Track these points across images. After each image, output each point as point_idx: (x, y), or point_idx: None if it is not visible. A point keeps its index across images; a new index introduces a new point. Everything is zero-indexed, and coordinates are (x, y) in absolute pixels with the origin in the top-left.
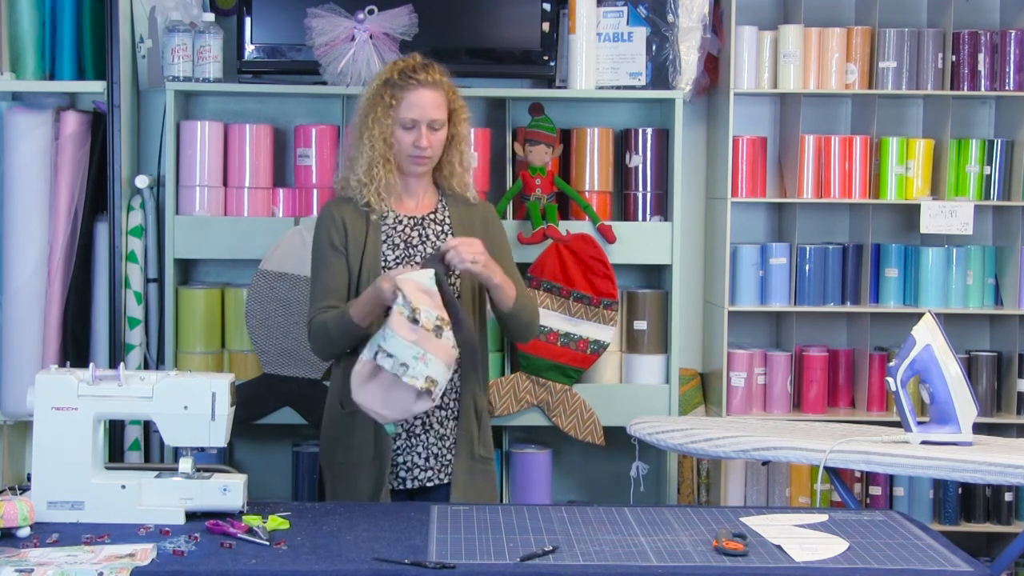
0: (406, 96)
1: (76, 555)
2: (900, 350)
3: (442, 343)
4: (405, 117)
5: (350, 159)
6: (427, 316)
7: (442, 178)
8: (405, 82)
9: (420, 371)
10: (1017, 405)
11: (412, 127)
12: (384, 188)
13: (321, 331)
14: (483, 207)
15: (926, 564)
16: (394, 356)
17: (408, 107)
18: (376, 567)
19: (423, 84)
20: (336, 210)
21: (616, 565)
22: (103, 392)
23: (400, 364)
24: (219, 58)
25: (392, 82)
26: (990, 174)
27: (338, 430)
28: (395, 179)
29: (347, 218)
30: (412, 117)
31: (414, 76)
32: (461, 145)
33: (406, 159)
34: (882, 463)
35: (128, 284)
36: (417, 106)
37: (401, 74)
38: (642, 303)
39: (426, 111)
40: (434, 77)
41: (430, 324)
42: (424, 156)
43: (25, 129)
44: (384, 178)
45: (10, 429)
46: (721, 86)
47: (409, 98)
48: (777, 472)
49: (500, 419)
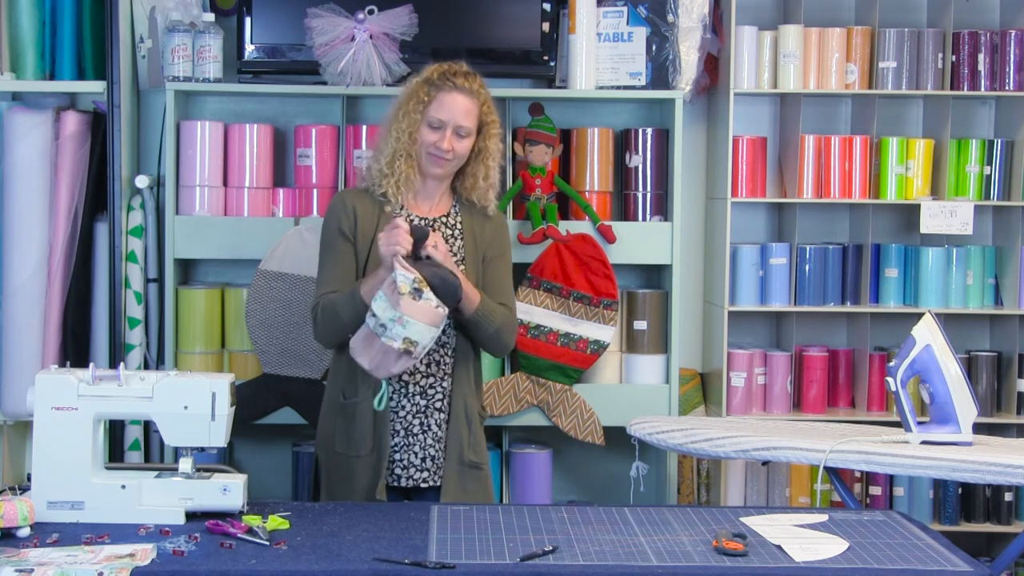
0: (439, 96)
1: (76, 555)
2: (900, 350)
3: (421, 305)
4: (434, 116)
5: (377, 149)
6: (403, 280)
7: (463, 188)
8: (443, 83)
9: (398, 333)
10: (1017, 405)
11: (439, 127)
12: (403, 182)
13: (329, 312)
14: (497, 219)
15: (926, 564)
16: (376, 316)
17: (439, 107)
18: (376, 567)
19: (459, 89)
20: (349, 199)
21: (616, 565)
22: (103, 392)
23: (379, 325)
24: (219, 58)
25: (431, 81)
26: (990, 174)
27: (338, 421)
28: (415, 176)
29: (359, 207)
30: (440, 117)
31: (452, 79)
32: (488, 160)
33: (426, 157)
34: (882, 463)
35: (128, 284)
36: (447, 108)
37: (442, 75)
38: (642, 303)
39: (455, 115)
40: (473, 86)
41: (406, 287)
42: (443, 158)
43: (25, 129)
44: (404, 172)
45: (10, 429)
46: (721, 86)
47: (442, 98)
48: (777, 472)
49: (500, 419)
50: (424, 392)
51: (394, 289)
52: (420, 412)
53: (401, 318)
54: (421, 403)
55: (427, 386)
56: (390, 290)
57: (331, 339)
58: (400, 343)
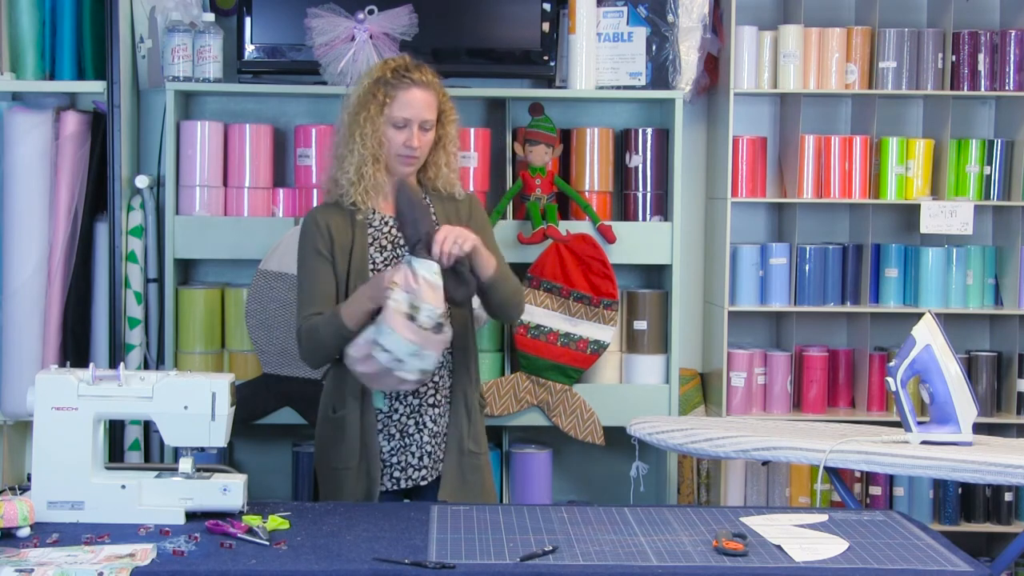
0: (399, 95)
1: (76, 555)
2: (900, 350)
3: (441, 338)
4: (397, 116)
5: (338, 158)
6: (427, 315)
7: (427, 178)
8: (399, 81)
9: (415, 366)
10: (1017, 405)
11: (404, 126)
12: (372, 187)
13: (311, 335)
14: (467, 199)
15: (926, 564)
16: (390, 352)
17: (401, 106)
18: (376, 567)
19: (416, 84)
20: (321, 217)
21: (616, 565)
22: (103, 392)
23: (396, 360)
24: (219, 58)
25: (385, 80)
26: (990, 174)
27: (329, 434)
28: (383, 178)
29: (332, 224)
30: (404, 116)
31: (408, 75)
32: (449, 146)
33: (395, 158)
34: (882, 463)
35: (128, 284)
36: (410, 105)
37: (394, 73)
38: (642, 303)
39: (419, 111)
40: (427, 77)
41: (429, 323)
42: (413, 156)
43: (25, 129)
44: (373, 176)
45: (10, 429)
46: (721, 86)
47: (402, 97)
48: (777, 472)
49: (500, 419)
50: (416, 391)
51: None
52: (414, 412)
53: (420, 352)
54: (414, 402)
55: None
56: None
57: (316, 362)
58: (416, 375)
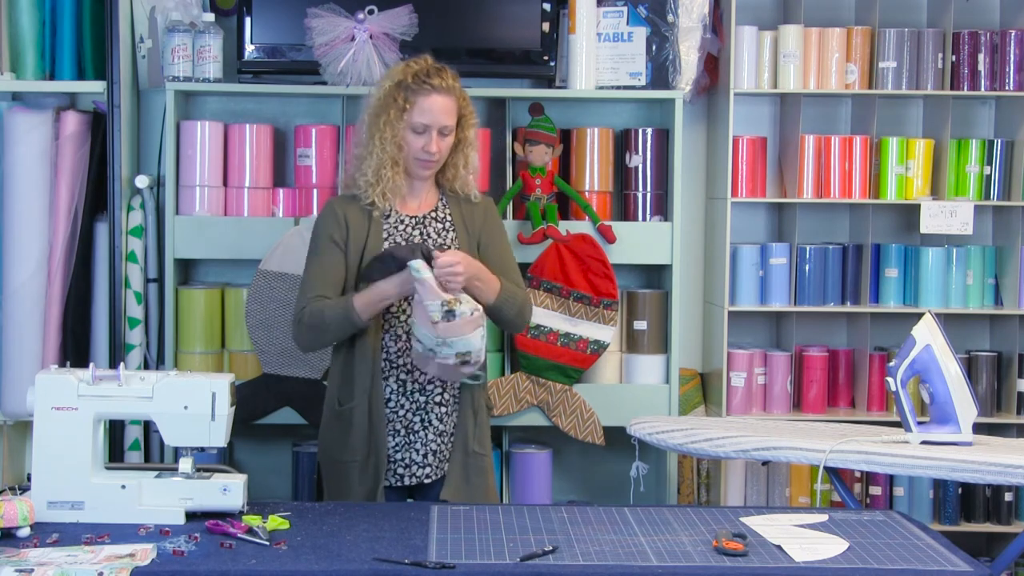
0: (419, 101)
1: (76, 555)
2: (900, 350)
3: (457, 323)
4: (417, 122)
5: (357, 158)
6: (433, 309)
7: (445, 180)
8: (419, 86)
9: (447, 352)
10: (1017, 405)
11: (423, 132)
12: (390, 189)
13: (316, 319)
14: (484, 202)
15: (926, 564)
16: (422, 343)
17: (421, 112)
18: (376, 567)
19: (436, 90)
20: (340, 207)
21: (616, 565)
22: (103, 392)
23: (428, 349)
24: (219, 58)
25: (405, 85)
26: (990, 174)
27: (335, 428)
28: (401, 181)
29: (350, 215)
30: (424, 122)
31: (428, 81)
32: (467, 149)
33: (414, 163)
34: (882, 463)
35: (128, 284)
36: (430, 112)
37: (415, 78)
38: (642, 303)
39: (438, 117)
40: (447, 83)
41: (437, 316)
42: (432, 161)
43: (25, 129)
44: (392, 179)
45: (10, 429)
46: (721, 86)
47: (422, 103)
48: (777, 472)
49: (500, 419)
50: (423, 388)
51: (427, 320)
52: (420, 409)
53: (444, 341)
54: (420, 399)
55: (425, 382)
56: (421, 321)
57: (313, 345)
58: (454, 359)
